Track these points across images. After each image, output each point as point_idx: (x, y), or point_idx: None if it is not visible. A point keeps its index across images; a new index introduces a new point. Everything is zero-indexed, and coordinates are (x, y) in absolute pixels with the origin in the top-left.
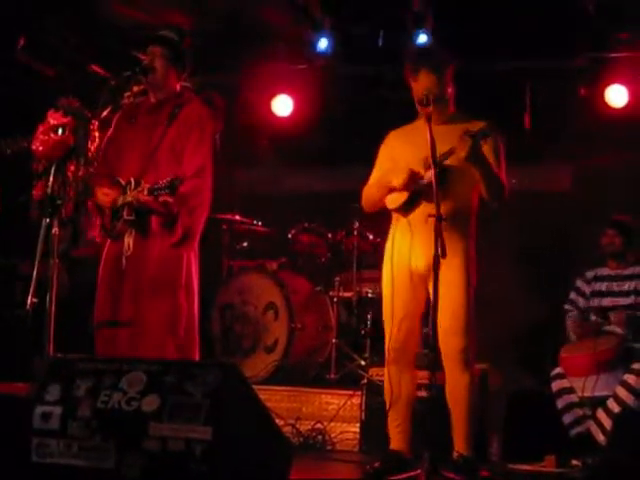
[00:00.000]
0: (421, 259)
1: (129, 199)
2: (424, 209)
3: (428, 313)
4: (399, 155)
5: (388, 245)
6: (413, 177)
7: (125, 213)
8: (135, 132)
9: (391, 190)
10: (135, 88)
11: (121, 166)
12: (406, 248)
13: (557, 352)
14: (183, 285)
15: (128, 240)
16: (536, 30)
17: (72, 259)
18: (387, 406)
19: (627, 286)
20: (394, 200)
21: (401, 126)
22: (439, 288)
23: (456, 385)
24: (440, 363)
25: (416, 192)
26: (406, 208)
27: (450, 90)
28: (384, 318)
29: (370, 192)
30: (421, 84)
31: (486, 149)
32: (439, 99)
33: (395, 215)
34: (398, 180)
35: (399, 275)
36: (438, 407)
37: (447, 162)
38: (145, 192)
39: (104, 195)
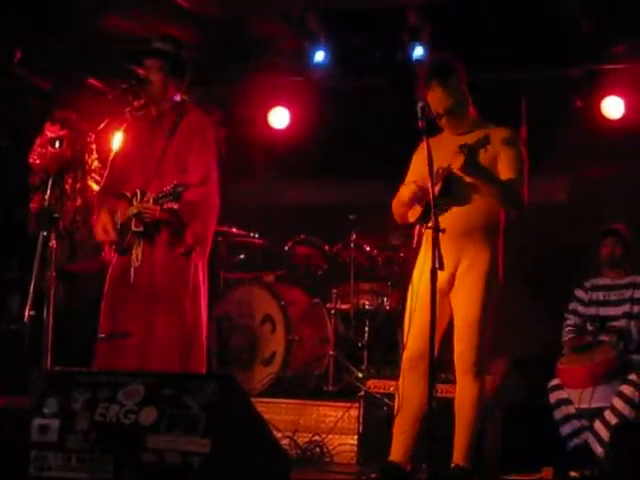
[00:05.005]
0: (441, 272)
1: (135, 210)
2: (441, 221)
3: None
4: (424, 167)
5: (419, 258)
6: (422, 190)
7: (133, 225)
8: (138, 145)
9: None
10: (136, 103)
11: (126, 179)
12: (429, 261)
13: (555, 363)
14: (189, 294)
15: (136, 252)
16: (531, 42)
17: (69, 273)
18: (395, 413)
19: (624, 294)
20: (413, 213)
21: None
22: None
23: (464, 395)
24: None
25: (429, 205)
26: (422, 221)
27: (464, 99)
28: (404, 328)
29: (395, 203)
30: (433, 97)
31: (502, 157)
32: (452, 110)
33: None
34: (408, 193)
35: (422, 288)
36: (438, 420)
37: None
38: (150, 202)
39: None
